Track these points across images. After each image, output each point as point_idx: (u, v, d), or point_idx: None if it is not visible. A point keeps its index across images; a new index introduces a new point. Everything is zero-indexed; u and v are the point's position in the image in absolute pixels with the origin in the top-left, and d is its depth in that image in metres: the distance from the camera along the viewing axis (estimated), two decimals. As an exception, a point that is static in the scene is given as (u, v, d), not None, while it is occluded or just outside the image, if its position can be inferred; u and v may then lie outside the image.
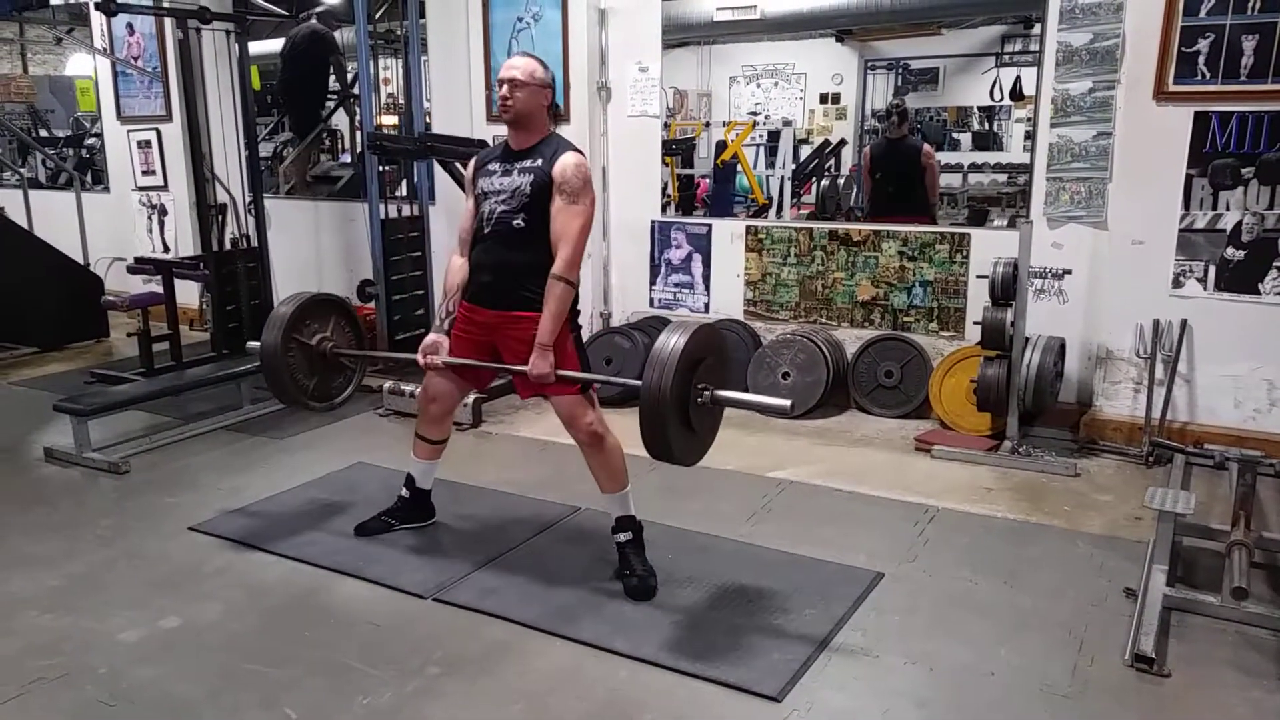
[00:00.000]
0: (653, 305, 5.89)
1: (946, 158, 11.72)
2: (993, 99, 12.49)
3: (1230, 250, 4.22)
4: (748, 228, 5.64)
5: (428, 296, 5.66)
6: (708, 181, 10.33)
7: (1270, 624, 2.86)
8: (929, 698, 2.57)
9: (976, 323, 4.51)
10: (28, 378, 6.01)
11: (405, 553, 3.43)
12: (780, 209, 9.85)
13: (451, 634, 2.90)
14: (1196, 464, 4.05)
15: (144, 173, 7.27)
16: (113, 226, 7.56)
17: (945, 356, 4.90)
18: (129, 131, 7.26)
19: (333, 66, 7.76)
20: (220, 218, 5.93)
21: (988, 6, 10.84)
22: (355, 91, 7.93)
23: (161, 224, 7.28)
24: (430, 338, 3.28)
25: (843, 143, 11.65)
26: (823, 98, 14.05)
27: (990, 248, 4.82)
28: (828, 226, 5.50)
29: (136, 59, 7.02)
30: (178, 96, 6.40)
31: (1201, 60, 4.12)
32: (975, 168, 12.26)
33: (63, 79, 13.94)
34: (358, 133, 8.38)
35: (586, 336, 3.39)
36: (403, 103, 6.23)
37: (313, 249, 6.93)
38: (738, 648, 2.78)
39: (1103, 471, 4.24)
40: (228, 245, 5.94)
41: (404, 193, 6.42)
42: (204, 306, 6.86)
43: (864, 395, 5.14)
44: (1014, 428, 4.37)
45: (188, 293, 6.74)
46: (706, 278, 5.71)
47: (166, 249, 7.19)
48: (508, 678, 2.68)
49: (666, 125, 9.95)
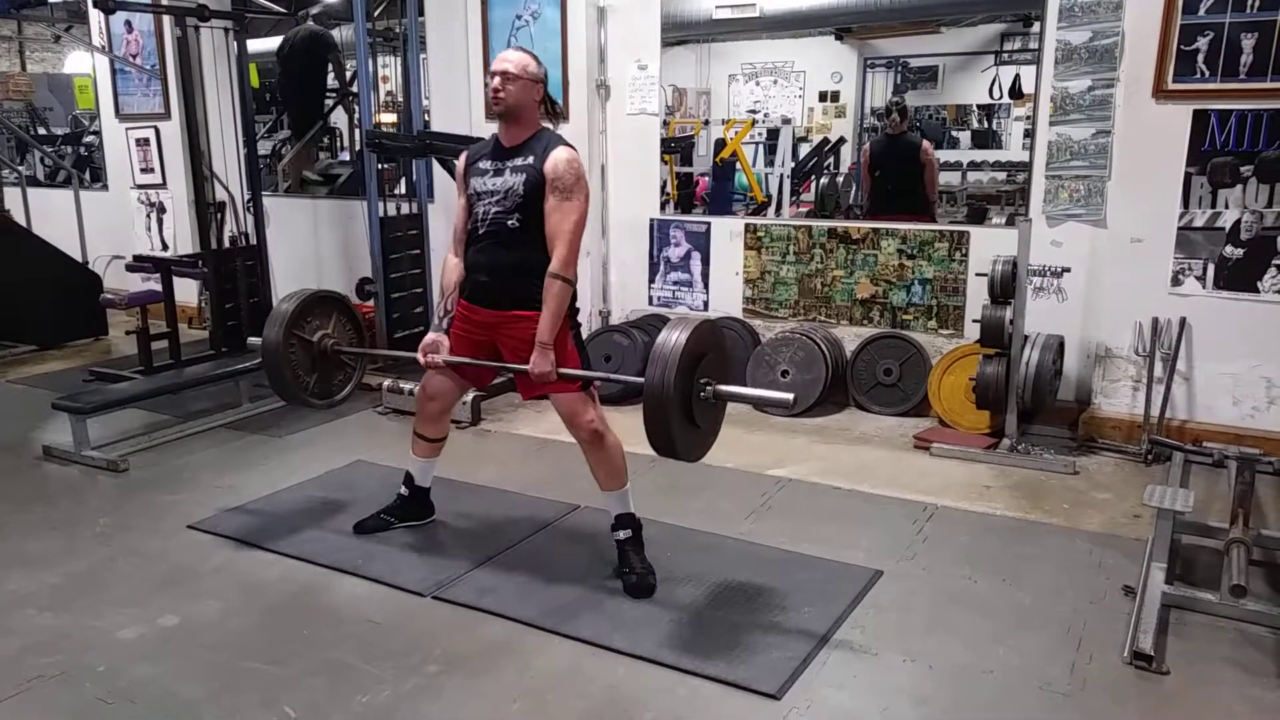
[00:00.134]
0: (652, 303, 5.89)
1: (946, 156, 11.71)
2: (992, 97, 12.48)
3: (1229, 248, 4.22)
4: (747, 226, 5.64)
5: (426, 294, 5.66)
6: (707, 179, 10.32)
7: (1269, 621, 2.86)
8: (928, 695, 2.57)
9: (975, 321, 4.51)
10: (26, 376, 6.01)
11: (404, 551, 3.44)
12: (779, 207, 9.83)
13: (450, 632, 2.90)
14: (1195, 462, 4.06)
15: (143, 170, 7.27)
16: (111, 224, 7.56)
17: (944, 354, 4.90)
18: (127, 129, 7.25)
19: (331, 64, 7.75)
20: (219, 216, 5.92)
21: (987, 5, 10.82)
22: (354, 89, 7.93)
23: (160, 222, 7.28)
24: (430, 337, 3.28)
25: (842, 141, 11.64)
26: (822, 96, 14.03)
27: (989, 246, 4.82)
28: (827, 224, 5.50)
29: (135, 57, 7.01)
30: (176, 94, 6.39)
31: (1200, 58, 4.12)
32: (974, 166, 12.26)
33: (61, 77, 13.92)
34: (356, 130, 8.39)
35: (585, 334, 3.40)
36: (401, 100, 6.23)
37: (312, 247, 6.92)
38: (737, 645, 2.78)
39: (1101, 469, 4.24)
40: (226, 243, 5.93)
41: (403, 191, 6.41)
42: (203, 304, 6.86)
43: (863, 393, 5.14)
44: (1013, 426, 4.37)
45: (186, 291, 6.74)
46: (705, 276, 5.71)
47: (165, 247, 7.19)
48: (507, 676, 2.68)
49: (665, 123, 9.94)
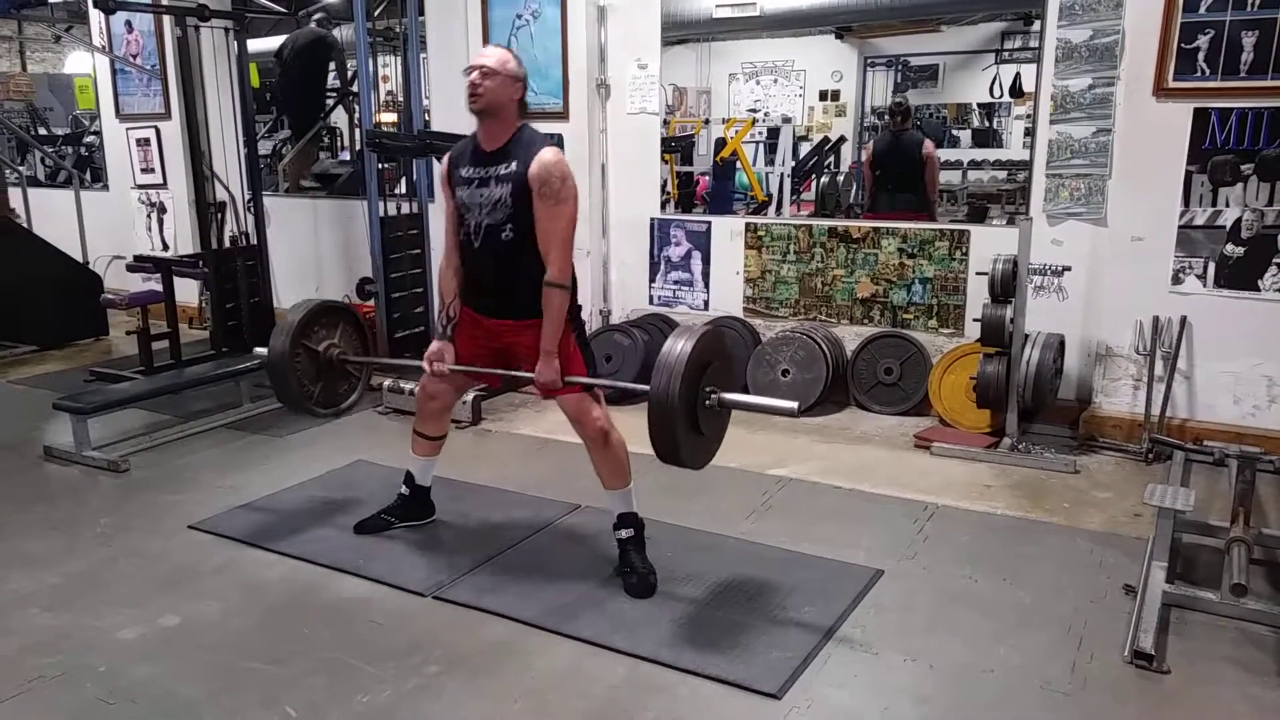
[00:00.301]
0: (652, 302, 5.89)
1: (946, 154, 11.71)
2: (992, 96, 12.48)
3: (1230, 247, 4.22)
4: (747, 225, 5.64)
5: (427, 294, 5.65)
6: (707, 179, 10.32)
7: (1270, 621, 2.86)
8: (928, 695, 2.57)
9: (976, 320, 4.51)
10: (27, 376, 6.01)
11: (405, 551, 3.44)
12: (780, 206, 9.83)
13: (451, 632, 2.90)
14: (1196, 460, 4.06)
15: (143, 171, 7.27)
16: (112, 224, 7.56)
17: (945, 353, 4.90)
18: (128, 129, 7.25)
19: (333, 65, 7.75)
20: (219, 216, 5.92)
21: (987, 3, 10.82)
22: (354, 89, 7.93)
23: (160, 222, 7.28)
24: (434, 345, 3.26)
25: (842, 140, 11.64)
26: (822, 95, 14.03)
27: (990, 244, 4.82)
28: (827, 223, 5.50)
29: (135, 57, 7.01)
30: (176, 94, 6.39)
31: (1201, 57, 4.11)
32: (975, 164, 12.26)
33: (61, 77, 13.93)
34: (357, 130, 8.39)
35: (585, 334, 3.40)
36: (401, 100, 6.23)
37: (312, 247, 6.92)
38: (737, 645, 2.78)
39: (1102, 468, 4.24)
40: (227, 243, 5.93)
41: (403, 191, 6.41)
42: (203, 304, 6.85)
43: (864, 392, 5.14)
44: (1013, 425, 4.37)
45: (187, 291, 6.74)
46: (706, 275, 5.71)
47: (166, 247, 7.19)
48: (507, 676, 2.68)
49: (666, 122, 9.94)
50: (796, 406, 2.81)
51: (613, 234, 5.88)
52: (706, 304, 5.73)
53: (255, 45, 7.88)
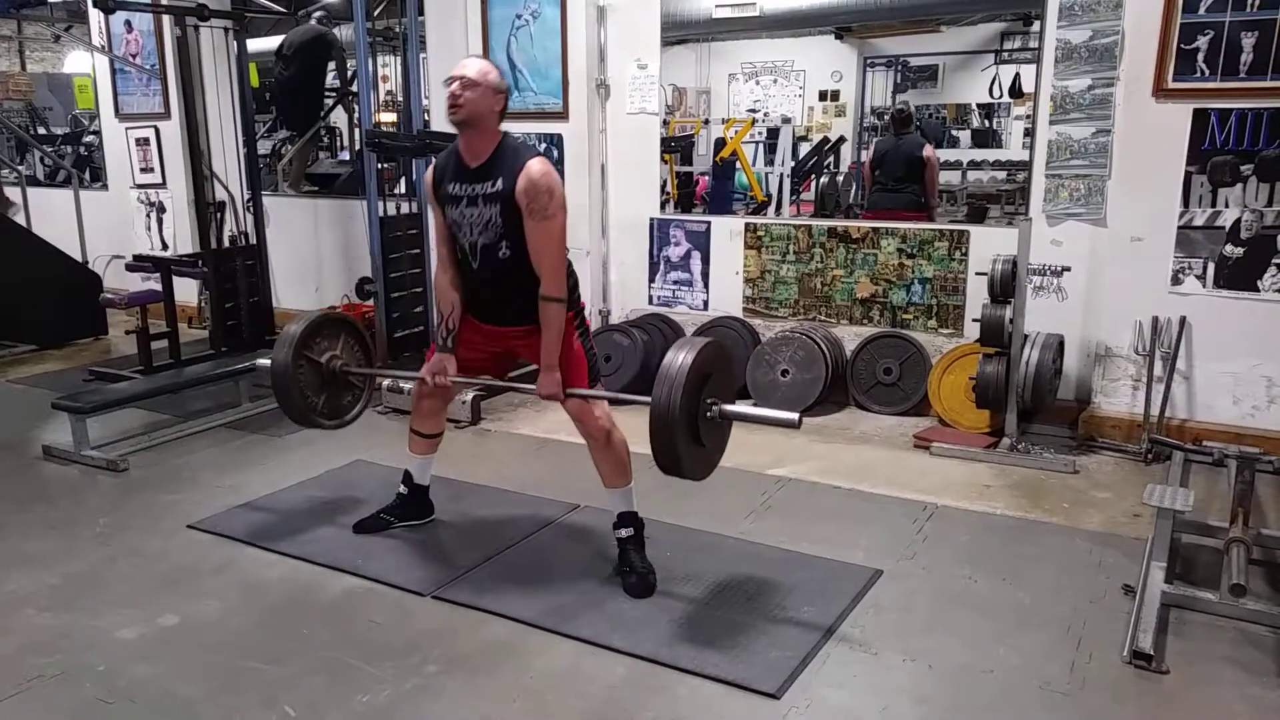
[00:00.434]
0: (652, 302, 5.89)
1: (946, 155, 11.72)
2: (992, 96, 12.50)
3: (1229, 247, 4.22)
4: (747, 225, 5.64)
5: (426, 294, 5.65)
6: (707, 179, 10.33)
7: (1269, 621, 2.86)
8: (928, 695, 2.57)
9: (975, 320, 4.51)
10: (26, 375, 6.01)
11: (404, 550, 3.43)
12: (779, 206, 9.84)
13: (450, 631, 2.90)
14: (1195, 461, 4.06)
15: (142, 170, 7.26)
16: (111, 224, 7.55)
17: (944, 354, 4.90)
18: (127, 129, 7.25)
19: (333, 64, 7.74)
20: (219, 215, 5.92)
21: (987, 4, 10.83)
22: (354, 89, 7.92)
23: (160, 221, 7.28)
24: (436, 359, 3.26)
25: (842, 140, 11.65)
26: (822, 95, 14.05)
27: (989, 245, 4.82)
28: (826, 224, 5.50)
29: (135, 56, 7.01)
30: (176, 94, 6.39)
31: (1201, 57, 4.12)
32: (974, 165, 12.28)
33: (61, 76, 13.93)
34: (356, 130, 8.38)
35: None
36: (401, 100, 6.23)
37: (312, 247, 6.92)
38: (736, 645, 2.78)
39: (1101, 468, 4.24)
40: (226, 243, 5.93)
41: (402, 190, 6.41)
42: (202, 304, 6.85)
43: (863, 392, 5.14)
44: (1013, 425, 4.37)
45: (186, 290, 6.73)
46: (705, 275, 5.71)
47: (165, 246, 7.19)
48: (506, 675, 2.68)
49: (665, 122, 9.94)
50: (798, 418, 2.79)
51: (612, 234, 5.88)
52: (706, 304, 5.73)
53: (255, 45, 7.88)
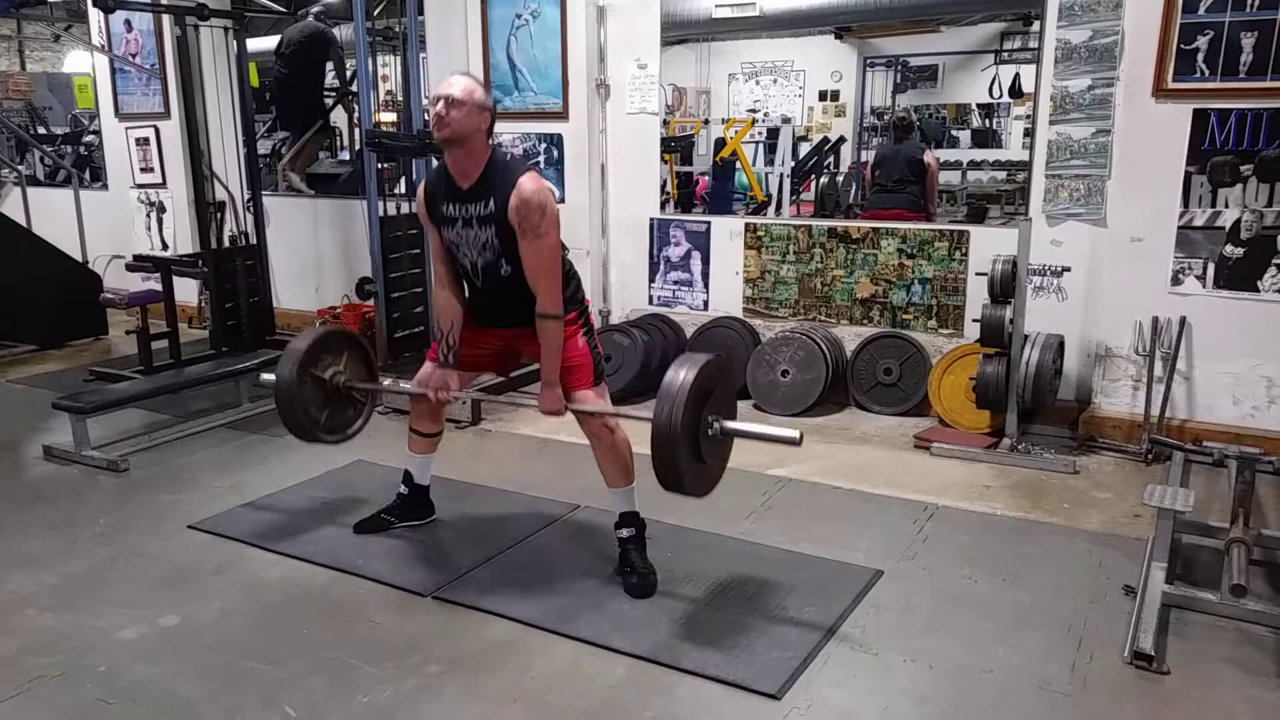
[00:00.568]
0: (652, 303, 5.89)
1: (946, 155, 11.74)
2: (992, 96, 12.51)
3: (1229, 247, 4.22)
4: (747, 225, 5.64)
5: (426, 294, 5.65)
6: (707, 179, 10.33)
7: (1269, 621, 2.86)
8: (928, 695, 2.57)
9: (975, 320, 4.50)
10: (26, 375, 6.01)
11: (404, 550, 3.44)
12: (779, 206, 9.84)
13: (451, 632, 2.90)
14: (1195, 461, 4.06)
15: (142, 170, 7.26)
16: (111, 224, 7.56)
17: (944, 354, 4.90)
18: (127, 129, 7.25)
19: (331, 62, 7.73)
20: (219, 215, 5.93)
21: (986, 4, 10.85)
22: (354, 88, 7.92)
23: (160, 221, 7.28)
24: (439, 374, 3.26)
25: (841, 140, 11.66)
26: (822, 95, 14.06)
27: (989, 245, 4.82)
28: (826, 224, 5.50)
29: (135, 56, 7.01)
30: (176, 93, 6.39)
31: (1200, 57, 4.12)
32: (974, 165, 12.30)
33: (61, 76, 13.93)
34: (356, 130, 8.38)
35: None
36: (401, 100, 6.23)
37: (312, 247, 6.92)
38: (737, 645, 2.78)
39: (1102, 469, 4.24)
40: (226, 243, 5.94)
41: (403, 190, 6.41)
42: (203, 304, 6.85)
43: (863, 393, 5.14)
44: (1013, 425, 4.37)
45: (186, 290, 6.73)
46: (705, 275, 5.71)
47: (165, 246, 7.19)
48: (507, 676, 2.68)
49: (665, 122, 9.94)
50: (799, 435, 2.79)
51: (612, 234, 5.88)
52: (706, 304, 5.73)
53: (255, 44, 7.88)
